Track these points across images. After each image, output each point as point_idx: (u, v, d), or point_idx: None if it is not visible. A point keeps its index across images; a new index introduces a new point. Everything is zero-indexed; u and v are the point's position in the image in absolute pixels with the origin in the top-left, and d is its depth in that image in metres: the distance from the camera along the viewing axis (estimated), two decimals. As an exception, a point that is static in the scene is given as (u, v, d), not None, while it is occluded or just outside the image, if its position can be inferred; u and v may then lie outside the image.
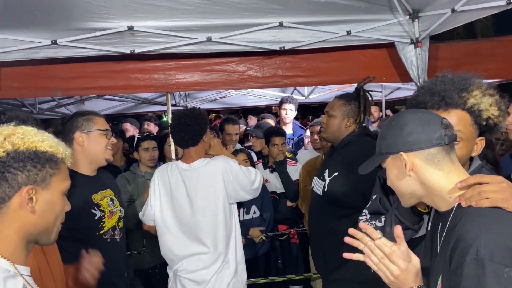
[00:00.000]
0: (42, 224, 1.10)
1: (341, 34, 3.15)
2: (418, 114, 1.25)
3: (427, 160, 1.20)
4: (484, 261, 1.02)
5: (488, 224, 1.08)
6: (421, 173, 1.20)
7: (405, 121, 1.23)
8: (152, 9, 2.75)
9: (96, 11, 2.69)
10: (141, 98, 5.84)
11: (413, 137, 1.20)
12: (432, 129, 1.20)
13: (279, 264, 3.70)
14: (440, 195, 1.21)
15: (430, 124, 1.21)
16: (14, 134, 1.08)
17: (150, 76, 3.28)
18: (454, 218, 1.16)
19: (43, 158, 1.08)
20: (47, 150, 1.10)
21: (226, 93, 6.07)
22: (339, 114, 2.41)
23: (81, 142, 2.23)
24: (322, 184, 2.42)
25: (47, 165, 1.09)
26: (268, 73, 3.37)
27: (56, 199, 1.12)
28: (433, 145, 1.19)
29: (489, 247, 1.03)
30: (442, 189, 1.20)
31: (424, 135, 1.19)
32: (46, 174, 1.09)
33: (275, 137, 3.65)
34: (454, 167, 1.21)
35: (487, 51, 3.52)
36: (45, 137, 1.12)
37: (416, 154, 1.20)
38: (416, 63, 3.15)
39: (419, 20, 3.12)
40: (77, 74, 3.18)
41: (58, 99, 5.28)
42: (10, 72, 3.04)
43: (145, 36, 2.95)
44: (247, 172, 2.54)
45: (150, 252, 3.22)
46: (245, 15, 2.92)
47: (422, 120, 1.22)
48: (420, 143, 1.20)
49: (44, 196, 1.09)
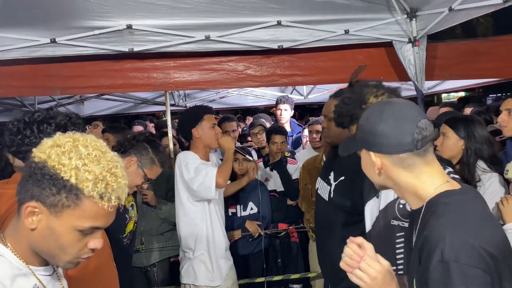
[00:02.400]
0: (43, 245, 1.01)
1: (339, 33, 3.17)
2: (395, 111, 1.17)
3: (396, 163, 1.16)
4: (449, 263, 0.99)
5: (452, 223, 1.05)
6: (390, 173, 1.18)
7: (379, 119, 1.17)
8: (151, 8, 2.76)
9: (95, 10, 2.70)
10: (140, 98, 5.85)
11: (383, 140, 1.15)
12: (404, 132, 1.14)
13: (278, 262, 3.70)
14: (410, 194, 1.19)
15: (403, 126, 1.14)
16: (59, 147, 1.00)
17: (149, 75, 3.29)
18: (424, 216, 1.14)
19: (61, 184, 0.97)
20: (70, 180, 0.97)
21: (225, 93, 6.08)
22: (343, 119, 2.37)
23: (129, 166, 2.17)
24: (328, 188, 2.33)
25: (63, 194, 0.98)
26: (266, 72, 3.38)
27: (63, 231, 0.99)
28: (403, 151, 1.14)
29: (454, 248, 1.00)
30: (411, 188, 1.17)
31: (395, 140, 1.14)
32: (59, 202, 0.98)
33: (275, 135, 3.65)
34: (427, 168, 1.16)
35: (485, 50, 3.53)
36: (84, 164, 0.98)
37: (386, 156, 1.17)
38: (414, 62, 3.16)
39: (416, 19, 3.15)
40: (76, 73, 3.19)
41: (58, 98, 5.28)
42: (9, 70, 3.05)
43: (143, 35, 2.97)
44: (192, 172, 2.53)
45: (147, 249, 3.24)
46: (243, 13, 2.93)
47: (397, 120, 1.15)
48: (389, 147, 1.15)
49: (50, 221, 0.99)
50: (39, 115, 1.57)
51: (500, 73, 3.87)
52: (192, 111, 2.79)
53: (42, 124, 1.56)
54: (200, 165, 2.57)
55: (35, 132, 1.53)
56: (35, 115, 1.57)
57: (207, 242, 2.62)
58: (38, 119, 1.56)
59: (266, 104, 6.77)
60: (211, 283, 2.62)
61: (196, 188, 2.52)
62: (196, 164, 2.56)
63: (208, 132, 2.66)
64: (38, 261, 1.05)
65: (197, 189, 2.52)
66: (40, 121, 1.56)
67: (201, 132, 2.65)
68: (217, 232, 2.66)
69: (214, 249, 2.64)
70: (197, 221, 2.63)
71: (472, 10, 2.83)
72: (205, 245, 2.62)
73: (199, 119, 2.65)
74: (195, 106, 2.89)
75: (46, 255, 1.04)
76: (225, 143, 2.69)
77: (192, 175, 2.53)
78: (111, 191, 1.00)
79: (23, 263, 1.02)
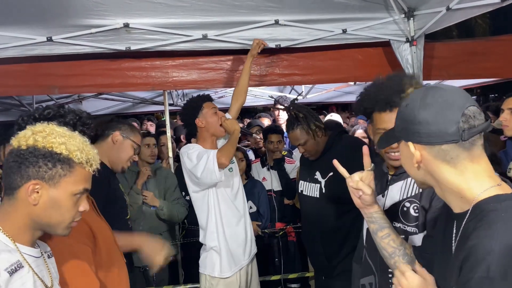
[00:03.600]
0: (45, 217, 1.18)
1: (337, 32, 3.17)
2: (439, 97, 1.03)
3: (436, 156, 1.03)
4: (494, 281, 0.88)
5: (503, 235, 0.91)
6: (431, 167, 1.05)
7: (421, 105, 1.03)
8: (148, 6, 2.76)
9: (92, 8, 2.70)
10: (138, 97, 5.85)
11: (424, 128, 1.02)
12: (448, 121, 1.00)
13: (276, 262, 3.70)
14: (453, 195, 1.05)
15: (447, 114, 1.00)
16: (41, 132, 1.19)
17: (147, 74, 3.28)
18: (467, 223, 1.01)
19: (56, 158, 1.17)
20: (62, 152, 1.18)
21: (224, 93, 6.07)
22: (308, 137, 2.45)
23: (115, 141, 2.37)
24: (317, 186, 2.47)
25: (59, 166, 1.17)
26: (265, 71, 3.38)
27: (63, 199, 1.19)
28: (445, 142, 1.01)
29: (502, 264, 0.88)
30: (455, 187, 1.03)
31: (437, 128, 1.00)
32: (56, 173, 1.17)
33: (271, 135, 3.68)
34: (473, 166, 1.02)
35: (483, 50, 3.53)
36: (68, 141, 1.20)
37: (425, 148, 1.04)
38: (412, 61, 3.16)
39: (414, 19, 3.14)
40: (74, 72, 3.18)
41: (56, 98, 5.27)
42: (6, 69, 3.04)
43: (141, 33, 2.96)
44: (194, 160, 2.50)
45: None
46: (241, 12, 2.93)
47: (440, 107, 1.01)
48: (430, 137, 1.02)
49: (50, 193, 1.17)
50: (49, 112, 1.57)
51: (497, 73, 3.87)
52: (190, 103, 2.74)
53: (51, 122, 1.56)
54: (202, 152, 2.52)
55: None
56: (45, 112, 1.57)
57: (217, 234, 2.57)
58: (48, 116, 1.55)
59: (264, 103, 6.77)
60: (223, 274, 2.58)
61: (200, 174, 2.45)
62: (197, 152, 2.53)
63: (210, 119, 2.63)
64: (27, 238, 1.19)
65: (201, 175, 2.45)
66: (49, 118, 1.55)
67: (204, 121, 2.63)
68: (227, 223, 2.59)
69: (225, 240, 2.58)
70: (206, 212, 2.60)
71: (469, 9, 2.83)
72: (215, 236, 2.58)
73: (199, 109, 2.63)
74: (191, 97, 2.84)
75: (47, 226, 1.20)
76: (230, 125, 2.66)
77: (194, 162, 2.49)
78: (91, 158, 1.23)
79: (10, 241, 1.15)
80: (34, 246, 1.21)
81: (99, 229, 1.58)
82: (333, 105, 7.45)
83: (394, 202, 1.60)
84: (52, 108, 1.57)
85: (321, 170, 2.46)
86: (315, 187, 2.48)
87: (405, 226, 1.55)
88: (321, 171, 2.46)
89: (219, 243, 2.57)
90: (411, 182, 1.56)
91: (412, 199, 1.54)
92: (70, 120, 1.57)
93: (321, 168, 2.47)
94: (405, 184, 1.58)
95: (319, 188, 2.46)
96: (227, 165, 2.46)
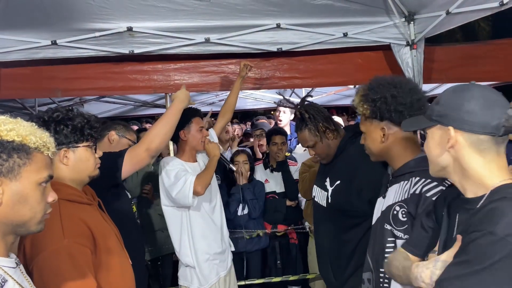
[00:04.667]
0: (14, 216, 1.05)
1: (337, 36, 3.20)
2: (486, 93, 1.16)
3: (472, 143, 1.15)
4: (497, 236, 1.02)
5: None
6: (461, 153, 1.16)
7: (469, 96, 1.15)
8: (151, 10, 2.79)
9: (96, 12, 2.73)
10: (140, 100, 5.88)
11: (469, 117, 1.13)
12: (493, 115, 1.12)
13: (277, 264, 3.72)
14: (472, 180, 1.17)
15: (493, 109, 1.13)
16: None
17: (149, 77, 3.31)
18: (482, 206, 1.12)
19: (8, 147, 1.03)
20: (14, 140, 1.04)
21: (225, 96, 6.09)
22: (316, 139, 2.27)
23: (112, 140, 2.44)
24: (325, 194, 2.29)
25: (15, 155, 1.04)
26: (266, 74, 3.41)
27: (28, 190, 1.06)
28: (486, 133, 1.13)
29: (510, 225, 1.02)
30: (477, 174, 1.16)
31: (482, 119, 1.12)
32: (14, 164, 1.04)
33: (275, 136, 3.70)
34: (498, 158, 1.16)
35: (483, 53, 3.56)
36: (16, 126, 1.06)
37: (464, 134, 1.15)
38: (412, 65, 3.19)
39: (414, 22, 3.17)
40: (77, 75, 3.21)
41: (58, 101, 5.30)
42: (10, 72, 3.07)
43: (144, 37, 2.99)
44: (172, 178, 2.49)
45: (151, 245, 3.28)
46: (242, 16, 2.96)
47: (487, 101, 1.14)
48: (473, 126, 1.13)
49: (12, 187, 1.04)
50: (58, 115, 1.59)
51: (497, 77, 3.90)
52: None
53: (59, 125, 1.58)
54: (180, 171, 2.52)
55: (51, 132, 1.53)
56: (55, 115, 1.59)
57: (190, 249, 2.58)
58: (56, 119, 1.58)
59: (265, 107, 6.80)
60: (201, 287, 2.60)
61: (175, 195, 2.47)
62: (176, 171, 2.51)
63: (195, 134, 2.62)
64: (3, 251, 1.07)
65: (176, 196, 2.47)
66: (58, 121, 1.58)
67: (188, 135, 2.62)
68: (202, 236, 2.60)
69: (201, 255, 2.59)
70: (179, 227, 2.60)
71: (469, 13, 2.86)
72: (188, 252, 2.58)
73: (187, 122, 2.60)
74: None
75: (18, 226, 1.07)
76: (211, 149, 2.65)
77: (172, 181, 2.49)
78: (47, 141, 1.11)
79: None
80: (8, 256, 1.08)
81: (101, 230, 1.56)
82: (333, 108, 7.48)
83: (388, 204, 1.60)
84: (61, 111, 1.59)
85: (331, 177, 2.27)
86: (323, 195, 2.30)
87: (394, 229, 1.55)
88: (330, 178, 2.27)
89: (193, 258, 2.58)
90: (404, 185, 1.55)
91: (401, 203, 1.54)
92: (78, 123, 1.59)
93: (331, 175, 2.28)
94: (400, 187, 1.57)
95: (326, 197, 2.27)
96: (202, 194, 2.48)
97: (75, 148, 1.60)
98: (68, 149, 1.59)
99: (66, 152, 1.59)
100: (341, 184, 2.20)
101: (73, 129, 1.59)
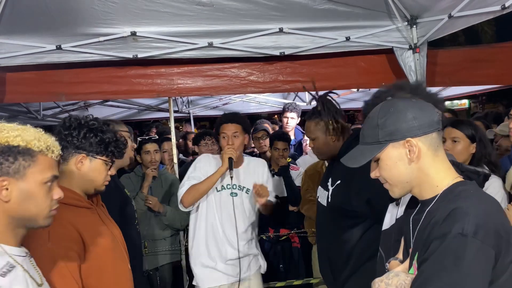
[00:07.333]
0: (21, 212, 1.17)
1: (340, 40, 3.21)
2: (409, 101, 1.25)
3: (430, 145, 1.20)
4: (468, 237, 1.06)
5: (477, 204, 1.13)
6: (423, 160, 1.20)
7: (402, 107, 1.21)
8: (155, 15, 2.81)
9: (100, 17, 2.76)
10: (144, 104, 5.91)
11: (418, 122, 1.19)
12: (430, 113, 1.21)
13: (280, 268, 3.71)
14: (429, 184, 1.22)
15: (426, 109, 1.22)
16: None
17: (152, 81, 3.33)
18: (437, 203, 1.19)
19: (15, 151, 1.15)
20: (20, 144, 1.16)
21: (228, 100, 6.12)
22: (319, 134, 2.27)
23: None
24: (326, 194, 2.32)
25: (20, 158, 1.16)
26: (269, 78, 3.42)
27: (34, 189, 1.18)
28: (435, 130, 1.20)
29: (474, 223, 1.07)
30: (435, 177, 1.21)
31: (427, 119, 1.20)
32: (20, 166, 1.16)
33: (278, 141, 3.68)
34: (444, 156, 1.24)
35: (486, 57, 3.56)
36: (22, 133, 1.18)
37: (421, 139, 1.20)
38: (415, 68, 3.19)
39: (417, 26, 3.18)
40: (81, 79, 3.24)
41: (62, 105, 5.34)
42: (15, 77, 3.10)
43: (147, 42, 3.01)
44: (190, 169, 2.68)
45: (150, 253, 3.27)
46: (245, 21, 2.98)
47: (417, 105, 1.22)
48: (424, 128, 1.19)
49: (19, 186, 1.16)
50: (93, 123, 1.65)
51: (500, 80, 3.89)
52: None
53: (90, 132, 1.64)
54: (194, 171, 2.63)
55: (80, 136, 1.61)
56: (91, 122, 1.65)
57: (190, 248, 2.74)
58: (91, 126, 1.64)
59: (268, 110, 6.81)
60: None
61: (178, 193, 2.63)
62: (194, 168, 2.66)
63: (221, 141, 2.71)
64: (12, 238, 1.18)
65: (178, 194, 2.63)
66: (91, 128, 1.64)
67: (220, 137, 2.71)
68: (198, 241, 2.68)
69: (192, 256, 2.72)
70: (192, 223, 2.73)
71: (471, 17, 2.86)
72: (190, 249, 2.74)
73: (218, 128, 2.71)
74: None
75: (27, 220, 1.19)
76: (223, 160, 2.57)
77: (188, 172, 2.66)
78: (51, 145, 1.22)
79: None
80: (19, 245, 1.21)
81: (94, 234, 1.57)
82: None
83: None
84: (99, 122, 1.66)
85: (333, 177, 2.29)
86: (325, 194, 2.32)
87: None
88: (332, 178, 2.29)
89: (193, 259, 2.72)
90: None
91: None
92: (107, 138, 1.65)
93: (333, 175, 2.30)
94: None
95: (327, 196, 2.29)
96: (186, 207, 2.59)
97: (94, 158, 1.65)
98: (86, 156, 1.64)
99: (83, 158, 1.64)
100: (341, 184, 2.22)
101: (100, 141, 1.64)
